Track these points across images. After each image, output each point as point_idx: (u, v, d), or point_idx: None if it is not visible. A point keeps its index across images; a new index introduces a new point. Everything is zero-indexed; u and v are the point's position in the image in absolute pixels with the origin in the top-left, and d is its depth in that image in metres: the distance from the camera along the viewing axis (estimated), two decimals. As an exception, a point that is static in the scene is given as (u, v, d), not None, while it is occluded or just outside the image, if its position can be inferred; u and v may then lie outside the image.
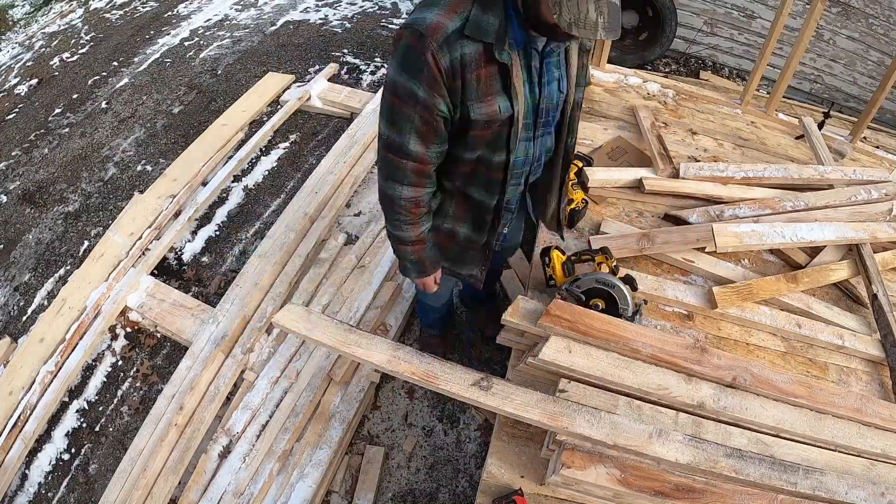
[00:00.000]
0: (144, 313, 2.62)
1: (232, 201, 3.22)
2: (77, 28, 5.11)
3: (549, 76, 1.31)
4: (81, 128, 3.83)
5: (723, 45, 4.70)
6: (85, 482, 2.24)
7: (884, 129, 4.02)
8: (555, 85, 1.34)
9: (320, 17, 4.93)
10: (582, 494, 1.46)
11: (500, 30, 1.17)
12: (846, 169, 2.42)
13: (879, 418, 1.56)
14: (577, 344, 1.55)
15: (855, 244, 2.11)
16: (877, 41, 4.22)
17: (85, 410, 2.43)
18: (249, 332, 2.46)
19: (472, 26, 1.15)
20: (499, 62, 1.19)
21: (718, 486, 1.39)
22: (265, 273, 2.63)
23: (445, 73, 1.18)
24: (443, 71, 1.17)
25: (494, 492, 1.52)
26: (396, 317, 2.54)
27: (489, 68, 1.20)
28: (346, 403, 2.26)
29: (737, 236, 1.99)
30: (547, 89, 1.33)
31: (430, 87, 1.19)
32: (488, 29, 1.16)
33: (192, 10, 5.15)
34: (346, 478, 2.16)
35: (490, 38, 1.17)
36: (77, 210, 3.26)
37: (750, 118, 3.03)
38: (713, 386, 1.54)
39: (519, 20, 1.19)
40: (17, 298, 2.87)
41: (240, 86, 4.03)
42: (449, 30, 1.15)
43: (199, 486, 2.07)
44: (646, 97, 3.03)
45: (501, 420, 1.67)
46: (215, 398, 2.28)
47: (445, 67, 1.17)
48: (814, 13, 2.62)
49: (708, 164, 2.36)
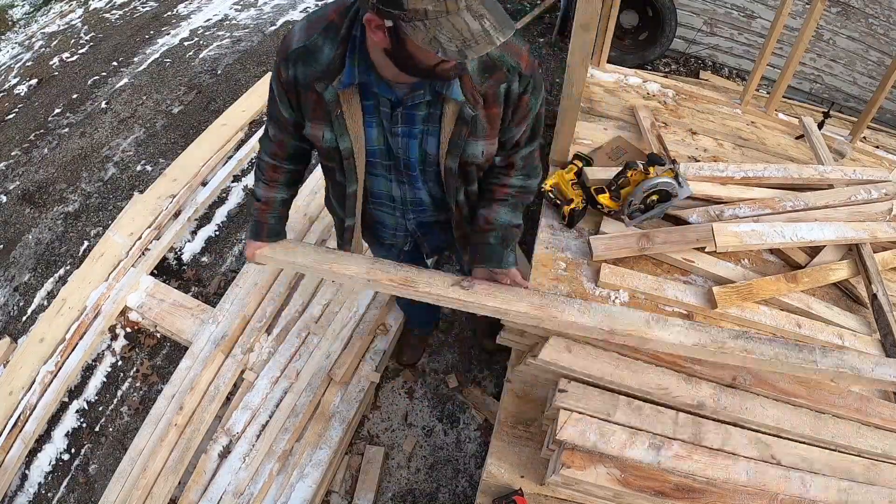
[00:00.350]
0: (144, 313, 2.62)
1: (232, 201, 3.22)
2: (77, 28, 5.11)
3: (406, 129, 1.23)
4: (81, 128, 3.83)
5: (723, 45, 4.70)
6: (85, 482, 2.24)
7: (884, 129, 4.02)
8: (415, 141, 1.26)
9: (320, 17, 4.92)
10: (582, 494, 1.46)
11: (331, 63, 1.13)
12: (846, 169, 2.42)
13: (880, 418, 1.56)
14: (577, 344, 1.55)
15: (855, 244, 2.11)
16: (877, 41, 4.22)
17: (85, 410, 2.43)
18: (249, 332, 2.46)
19: (305, 52, 1.15)
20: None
21: (718, 486, 1.39)
22: (265, 273, 2.63)
23: (286, 85, 1.21)
24: (283, 83, 1.21)
25: (494, 492, 1.52)
26: (396, 316, 2.54)
27: (316, 95, 1.19)
28: (346, 403, 2.26)
29: (737, 236, 1.99)
30: (402, 141, 1.26)
31: (278, 91, 1.25)
32: (319, 59, 1.14)
33: (192, 10, 5.15)
34: (346, 478, 2.16)
35: (318, 69, 1.14)
36: (77, 210, 3.25)
37: (750, 118, 3.03)
38: (713, 386, 1.54)
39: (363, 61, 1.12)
40: (16, 298, 2.87)
41: (240, 86, 4.02)
42: (290, 48, 1.16)
43: (199, 486, 2.07)
44: (646, 97, 3.02)
45: (501, 420, 1.67)
46: (215, 398, 2.28)
47: (285, 80, 1.20)
48: (814, 13, 2.62)
49: (708, 164, 2.36)
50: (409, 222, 1.54)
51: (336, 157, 1.30)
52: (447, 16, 0.92)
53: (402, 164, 1.32)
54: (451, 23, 0.92)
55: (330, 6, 1.17)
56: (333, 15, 1.14)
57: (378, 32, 0.99)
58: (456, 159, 1.27)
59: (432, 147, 1.26)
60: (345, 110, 1.19)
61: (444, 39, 0.93)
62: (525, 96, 1.21)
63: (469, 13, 0.93)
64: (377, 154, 1.31)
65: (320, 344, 2.39)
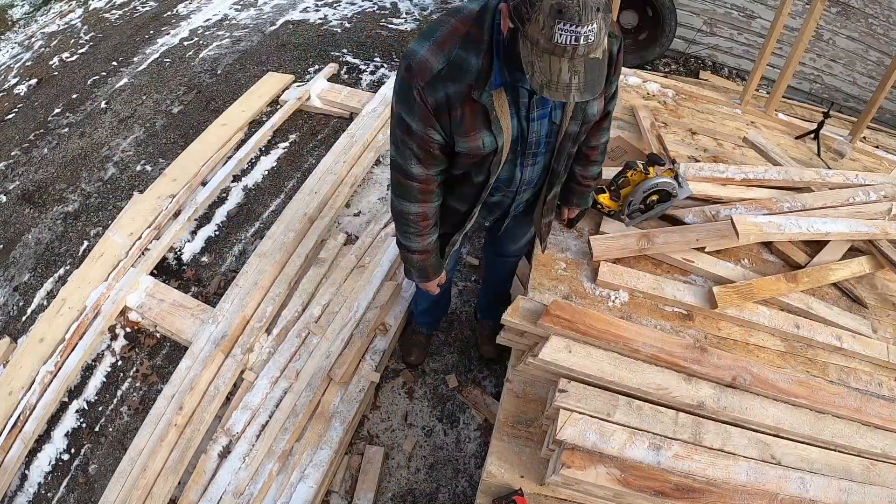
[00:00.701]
0: (144, 313, 2.62)
1: (231, 201, 3.22)
2: (76, 28, 5.11)
3: (542, 111, 1.33)
4: (81, 128, 3.83)
5: (722, 45, 4.70)
6: (85, 482, 2.24)
7: (883, 129, 4.02)
8: (546, 119, 1.35)
9: (320, 17, 4.93)
10: (582, 494, 1.46)
11: (481, 71, 1.18)
12: (848, 173, 2.41)
13: (879, 418, 1.56)
14: (577, 344, 1.55)
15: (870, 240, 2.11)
16: (876, 41, 4.22)
17: (85, 410, 2.43)
18: (249, 332, 2.46)
19: (452, 68, 1.19)
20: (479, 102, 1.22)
21: (718, 486, 1.40)
22: (265, 273, 2.63)
23: (433, 110, 1.23)
24: (431, 108, 1.23)
25: (494, 492, 1.52)
26: (396, 316, 2.54)
27: (473, 106, 1.23)
28: (346, 403, 2.26)
29: (756, 225, 1.98)
30: (536, 123, 1.34)
31: (423, 121, 1.26)
32: (469, 69, 1.19)
33: (192, 9, 5.15)
34: (346, 478, 2.16)
35: (470, 79, 1.19)
36: (76, 210, 3.25)
37: (750, 118, 3.02)
38: (713, 386, 1.54)
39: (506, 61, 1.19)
40: (16, 298, 2.87)
41: (239, 86, 4.03)
42: (434, 70, 1.19)
43: (198, 486, 2.07)
44: (645, 97, 3.02)
45: (501, 420, 1.67)
46: (215, 398, 2.28)
47: (433, 105, 1.22)
48: (813, 13, 2.62)
49: (708, 165, 2.35)
50: (517, 200, 1.62)
51: (483, 161, 1.36)
52: (550, 55, 1.01)
53: (532, 146, 1.40)
54: (550, 63, 1.02)
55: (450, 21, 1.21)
56: (463, 27, 1.19)
57: (506, 22, 1.10)
58: (579, 122, 1.38)
59: (557, 117, 1.35)
60: (497, 110, 1.25)
61: (537, 69, 1.03)
62: (619, 54, 1.33)
63: (568, 64, 1.02)
64: (513, 144, 1.37)
65: (320, 344, 2.39)
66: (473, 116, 1.25)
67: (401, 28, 4.80)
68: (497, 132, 1.28)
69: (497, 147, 1.31)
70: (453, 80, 1.19)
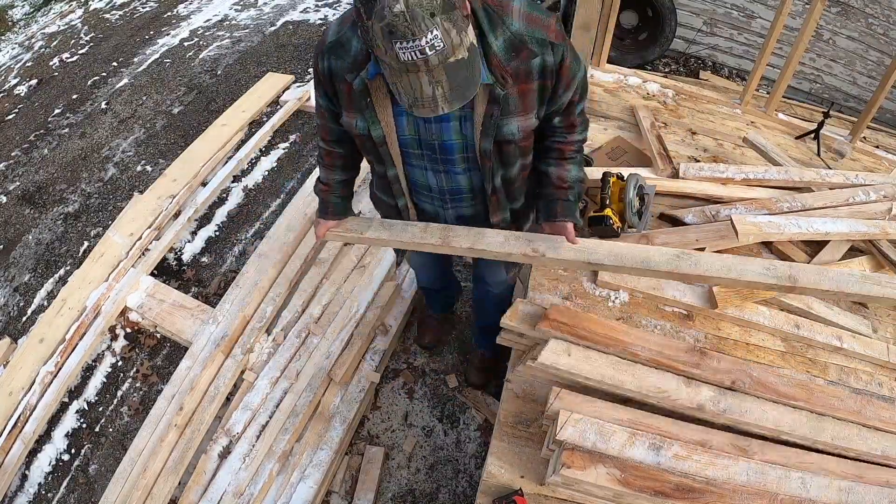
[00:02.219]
0: (144, 314, 2.62)
1: (232, 201, 3.22)
2: (77, 28, 5.11)
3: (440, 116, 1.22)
4: (81, 128, 3.83)
5: (722, 45, 4.70)
6: (85, 483, 2.24)
7: (883, 129, 4.01)
8: (451, 126, 1.28)
9: (320, 17, 4.93)
10: (582, 494, 1.46)
11: (359, 54, 1.18)
12: (848, 173, 2.41)
13: (879, 420, 1.56)
14: (577, 347, 1.55)
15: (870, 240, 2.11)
16: (876, 41, 4.22)
17: (85, 411, 2.43)
18: (249, 332, 2.46)
19: (335, 46, 1.22)
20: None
21: (718, 486, 1.39)
22: (265, 273, 2.63)
23: (322, 76, 1.29)
24: (320, 74, 1.29)
25: (494, 492, 1.51)
26: (396, 316, 2.54)
27: (349, 86, 1.23)
28: (346, 404, 2.26)
29: (756, 226, 1.98)
30: (434, 127, 1.29)
31: (317, 84, 1.33)
32: (349, 50, 1.20)
33: (192, 10, 5.15)
34: (346, 478, 2.16)
35: (346, 60, 1.20)
36: (77, 210, 3.26)
37: (750, 118, 3.03)
38: (713, 389, 1.54)
39: None
40: (16, 299, 2.87)
41: (239, 86, 4.03)
42: (326, 42, 1.24)
43: (199, 486, 2.07)
44: (645, 97, 3.02)
45: (501, 420, 1.67)
46: (215, 398, 2.28)
47: (321, 72, 1.28)
48: (813, 13, 2.62)
49: (708, 165, 2.36)
50: (447, 213, 1.58)
51: (370, 145, 1.36)
52: (406, 73, 0.99)
53: (437, 150, 1.35)
54: (409, 81, 1.00)
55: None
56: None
57: None
58: (490, 140, 1.29)
59: (468, 130, 1.29)
60: (374, 99, 1.24)
61: (402, 90, 1.02)
62: (565, 62, 1.22)
63: (427, 76, 0.98)
64: (409, 143, 1.35)
65: (320, 344, 2.40)
66: (350, 96, 1.26)
67: (401, 28, 4.79)
68: (370, 120, 1.28)
69: (373, 136, 1.31)
70: (336, 56, 1.22)
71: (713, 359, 1.58)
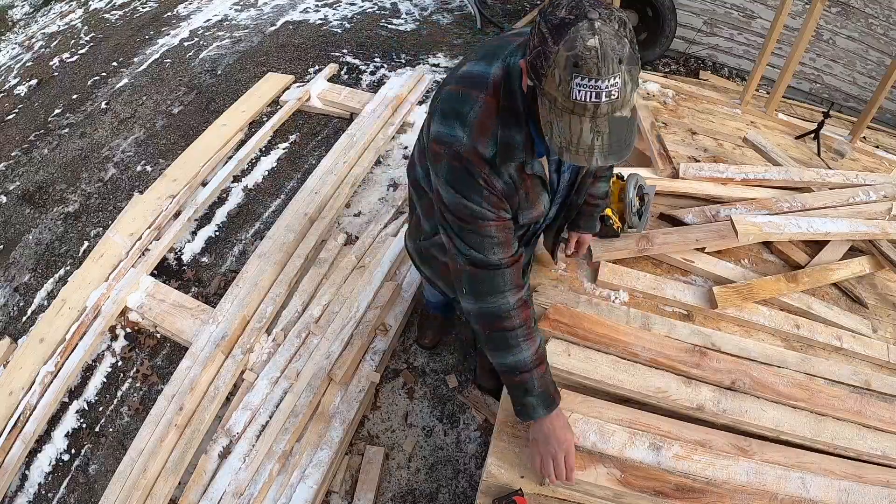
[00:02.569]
0: (144, 314, 2.62)
1: (232, 201, 3.22)
2: (77, 28, 5.11)
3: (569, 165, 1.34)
4: (81, 128, 3.83)
5: (722, 45, 4.70)
6: (85, 483, 2.24)
7: (883, 129, 4.02)
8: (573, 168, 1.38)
9: (320, 17, 4.93)
10: (582, 494, 1.46)
11: (526, 144, 1.14)
12: (848, 173, 2.41)
13: (880, 420, 1.56)
14: (576, 347, 1.55)
15: (870, 240, 2.11)
16: (876, 41, 4.22)
17: (85, 411, 2.43)
18: (249, 332, 2.46)
19: (504, 153, 1.13)
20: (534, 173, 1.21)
21: (718, 486, 1.39)
22: (265, 273, 2.63)
23: (506, 190, 1.19)
24: (500, 193, 1.18)
25: (494, 492, 1.51)
26: (396, 316, 2.54)
27: (530, 179, 1.22)
28: (346, 404, 2.26)
29: (756, 225, 1.98)
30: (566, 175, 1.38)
31: (495, 207, 1.18)
32: (517, 147, 1.13)
33: (192, 10, 5.15)
34: (346, 478, 2.16)
35: (520, 157, 1.14)
36: (77, 210, 3.26)
37: (750, 118, 3.03)
38: (713, 389, 1.54)
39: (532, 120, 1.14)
40: (16, 299, 2.87)
41: (239, 86, 4.03)
42: (488, 157, 1.13)
43: (198, 486, 2.07)
44: (645, 97, 3.02)
45: (501, 420, 1.67)
46: (215, 398, 2.28)
47: (501, 189, 1.18)
48: (813, 13, 2.62)
49: (708, 165, 2.36)
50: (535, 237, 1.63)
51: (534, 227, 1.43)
52: (570, 114, 0.93)
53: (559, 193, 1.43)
54: (570, 123, 0.94)
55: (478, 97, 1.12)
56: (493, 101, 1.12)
57: (526, 79, 1.03)
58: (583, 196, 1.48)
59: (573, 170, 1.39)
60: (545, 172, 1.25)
61: (556, 130, 0.95)
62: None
63: (590, 123, 0.93)
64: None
65: (320, 344, 2.40)
66: (534, 187, 1.24)
67: (401, 28, 4.80)
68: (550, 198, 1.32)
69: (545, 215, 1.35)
70: (507, 162, 1.14)
71: (713, 359, 1.58)
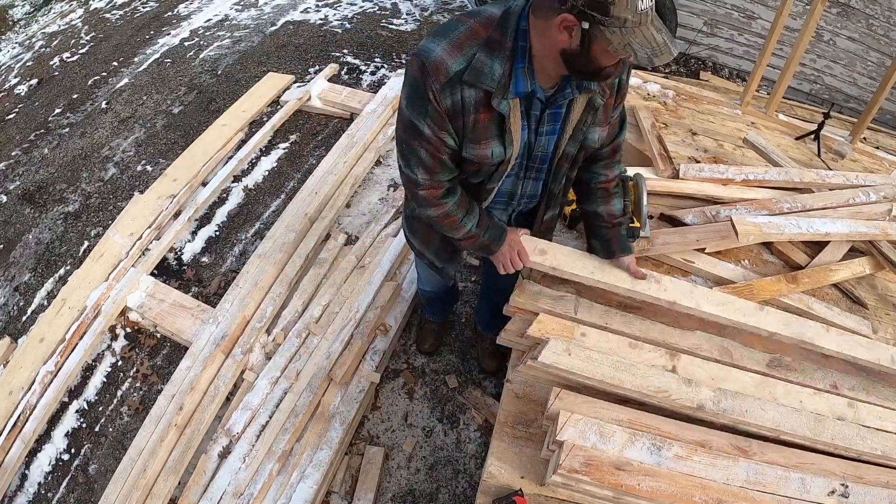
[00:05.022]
0: (144, 313, 2.62)
1: (232, 201, 3.22)
2: (77, 28, 5.11)
3: (551, 126, 1.32)
4: (81, 128, 3.83)
5: (723, 46, 4.70)
6: (85, 482, 2.24)
7: (884, 130, 4.02)
8: (554, 135, 1.35)
9: (320, 17, 4.93)
10: (581, 495, 1.46)
11: (502, 77, 1.15)
12: (848, 174, 2.41)
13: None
14: (577, 347, 1.55)
15: (870, 240, 2.11)
16: (877, 42, 4.22)
17: (85, 411, 2.43)
18: (249, 332, 2.46)
19: (473, 73, 1.15)
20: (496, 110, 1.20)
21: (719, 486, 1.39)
22: (265, 273, 2.63)
23: (448, 112, 1.20)
24: (445, 109, 1.19)
25: (494, 492, 1.51)
26: (396, 316, 2.54)
27: (488, 114, 1.21)
28: (346, 404, 2.26)
29: (756, 226, 1.98)
30: (544, 139, 1.34)
31: (436, 124, 1.21)
32: (490, 75, 1.15)
33: (192, 10, 5.15)
34: (346, 478, 2.16)
35: (490, 86, 1.16)
36: (77, 210, 3.26)
37: (750, 119, 3.03)
38: (713, 389, 1.54)
39: (527, 70, 1.17)
40: (16, 298, 2.87)
41: (240, 86, 4.03)
42: (451, 71, 1.15)
43: (198, 486, 2.07)
44: (646, 98, 3.02)
45: (501, 420, 1.67)
46: (215, 398, 2.28)
47: (447, 107, 1.19)
48: (814, 14, 2.62)
49: (708, 166, 2.35)
50: (513, 215, 1.62)
51: (490, 170, 1.35)
52: (640, 27, 1.02)
53: (538, 160, 1.39)
54: (642, 33, 1.02)
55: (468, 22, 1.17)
56: (483, 30, 1.16)
57: (564, 33, 1.06)
58: (577, 145, 1.37)
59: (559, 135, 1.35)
60: (511, 120, 1.23)
61: (637, 47, 1.03)
62: (625, 79, 1.34)
63: (653, 26, 1.03)
64: (519, 155, 1.36)
65: (320, 344, 2.40)
66: (487, 124, 1.23)
67: (401, 29, 4.80)
68: (508, 142, 1.27)
69: (505, 158, 1.30)
70: (472, 83, 1.16)
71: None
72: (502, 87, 1.16)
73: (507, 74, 1.16)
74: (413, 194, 1.37)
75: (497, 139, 1.26)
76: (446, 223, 1.42)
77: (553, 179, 1.46)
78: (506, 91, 1.17)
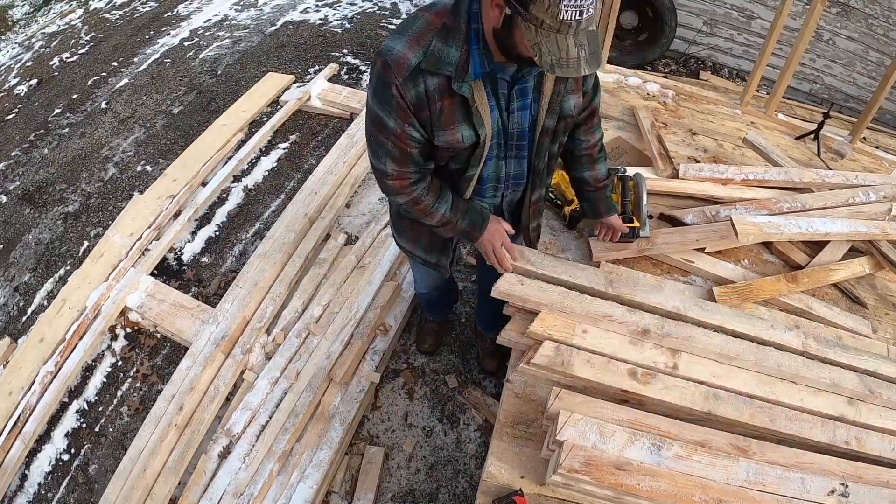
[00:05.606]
0: (144, 314, 2.62)
1: (232, 201, 3.22)
2: (77, 28, 5.11)
3: (521, 102, 1.32)
4: (81, 128, 3.83)
5: (722, 46, 4.70)
6: (85, 482, 2.24)
7: (883, 130, 4.02)
8: (526, 111, 1.35)
9: (320, 17, 4.93)
10: (581, 495, 1.46)
11: (460, 61, 1.18)
12: (848, 173, 2.41)
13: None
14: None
15: (870, 240, 2.11)
16: (876, 41, 4.22)
17: (85, 411, 2.43)
18: (249, 332, 2.46)
19: (430, 60, 1.18)
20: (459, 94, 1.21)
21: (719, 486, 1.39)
22: (265, 273, 2.63)
23: (412, 105, 1.23)
24: (409, 103, 1.22)
25: (494, 492, 1.51)
26: (396, 316, 2.54)
27: (451, 99, 1.23)
28: (346, 404, 2.26)
29: (756, 226, 1.98)
30: (517, 115, 1.34)
31: (401, 118, 1.25)
32: (447, 61, 1.18)
33: (192, 10, 5.15)
34: (346, 478, 2.16)
35: (449, 70, 1.18)
36: (77, 210, 3.26)
37: (750, 118, 3.03)
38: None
39: (483, 51, 1.19)
40: (16, 299, 2.87)
41: (239, 86, 4.03)
42: (412, 64, 1.18)
43: (198, 486, 2.07)
44: (645, 97, 3.03)
45: (501, 420, 1.67)
46: (215, 399, 2.28)
47: (411, 100, 1.21)
48: (813, 13, 2.62)
49: (708, 165, 2.36)
50: (502, 202, 1.62)
51: (466, 153, 1.36)
52: (556, 33, 1.03)
53: (516, 137, 1.40)
54: (556, 40, 1.04)
55: (424, 15, 1.21)
56: (438, 19, 1.19)
57: (496, 11, 1.10)
58: (555, 116, 1.37)
59: (534, 110, 1.35)
60: (477, 102, 1.25)
61: (545, 50, 1.05)
62: None
63: (574, 39, 1.04)
64: (494, 136, 1.36)
65: (320, 344, 2.40)
66: (452, 109, 1.25)
67: (401, 28, 4.79)
68: (478, 125, 1.28)
69: (478, 140, 1.31)
70: (432, 72, 1.19)
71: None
72: (461, 71, 1.19)
73: (464, 58, 1.18)
74: (382, 184, 1.41)
75: (465, 122, 1.28)
76: (417, 209, 1.44)
77: (536, 156, 1.46)
78: (465, 74, 1.19)
